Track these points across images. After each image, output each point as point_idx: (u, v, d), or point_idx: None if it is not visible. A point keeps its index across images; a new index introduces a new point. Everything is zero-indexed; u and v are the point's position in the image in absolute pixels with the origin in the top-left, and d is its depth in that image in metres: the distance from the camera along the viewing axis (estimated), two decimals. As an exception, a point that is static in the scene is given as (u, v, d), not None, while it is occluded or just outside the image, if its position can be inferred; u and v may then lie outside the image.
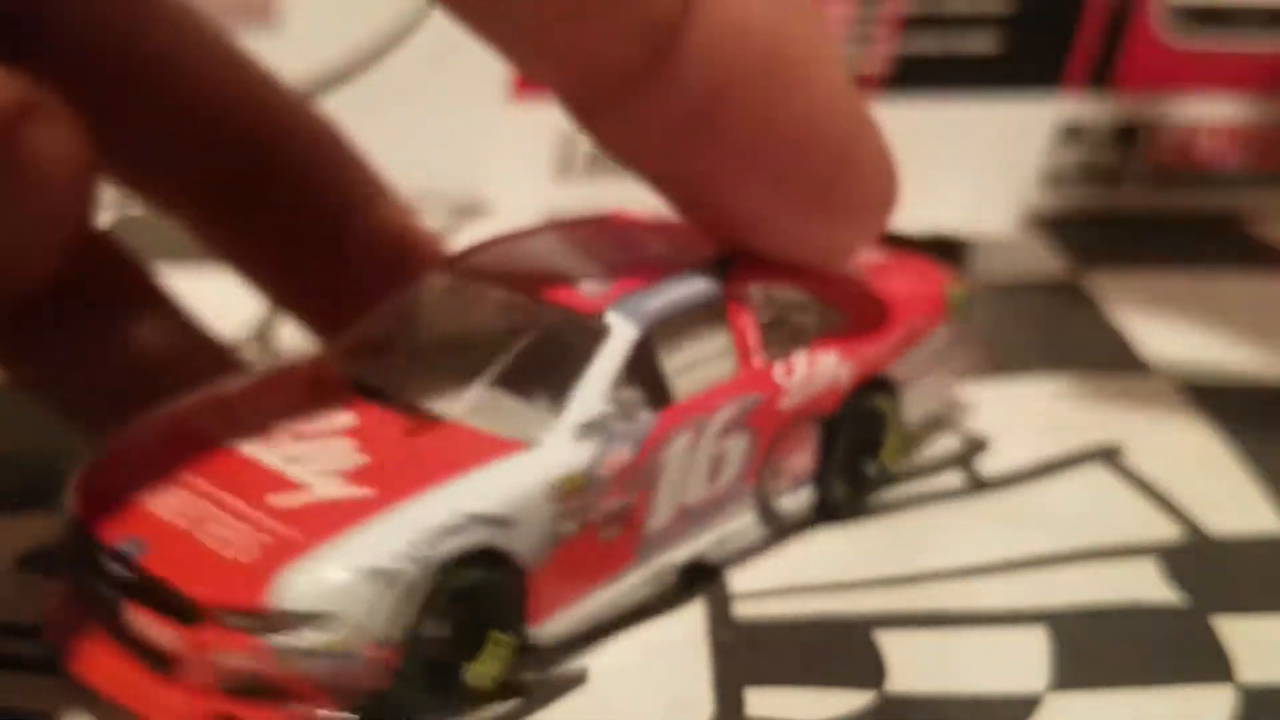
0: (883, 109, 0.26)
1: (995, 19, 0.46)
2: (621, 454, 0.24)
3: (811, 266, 0.27)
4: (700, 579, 0.26)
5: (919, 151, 0.43)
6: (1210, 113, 0.48)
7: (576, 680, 0.24)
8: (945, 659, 0.24)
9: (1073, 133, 0.48)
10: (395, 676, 0.21)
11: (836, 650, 0.24)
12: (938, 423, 0.32)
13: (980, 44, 0.46)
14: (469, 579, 0.22)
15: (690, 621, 0.25)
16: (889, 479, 0.30)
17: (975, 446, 0.32)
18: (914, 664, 0.24)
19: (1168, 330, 0.38)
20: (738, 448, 0.26)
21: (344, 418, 0.24)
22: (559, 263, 0.27)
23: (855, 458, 0.29)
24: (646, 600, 0.25)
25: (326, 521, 0.21)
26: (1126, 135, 0.48)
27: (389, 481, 0.22)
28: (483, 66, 0.30)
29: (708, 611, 0.26)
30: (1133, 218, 0.48)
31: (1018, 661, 0.24)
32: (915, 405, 0.30)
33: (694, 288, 0.26)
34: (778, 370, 0.27)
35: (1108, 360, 0.36)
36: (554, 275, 0.26)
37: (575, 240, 0.29)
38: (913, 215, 0.29)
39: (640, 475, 0.24)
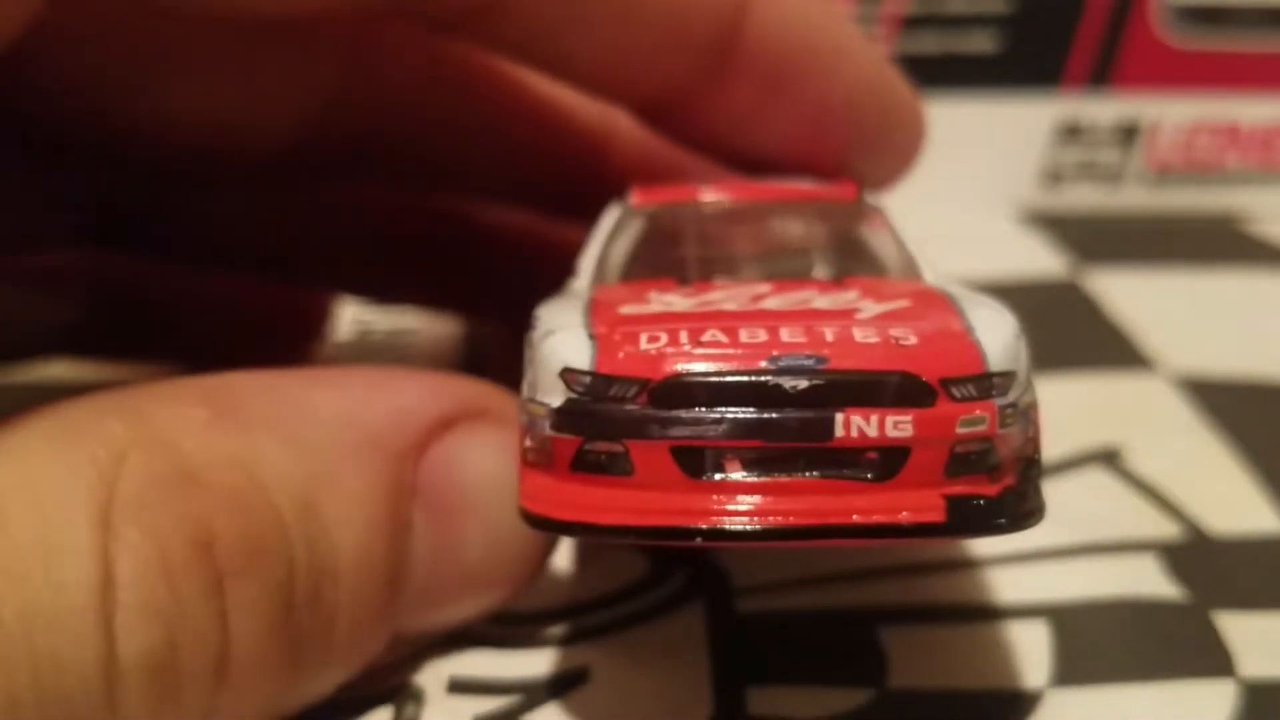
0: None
1: (995, 18, 0.46)
2: None
3: None
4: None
5: (919, 150, 0.43)
6: (1210, 113, 0.48)
7: (577, 677, 0.24)
8: (947, 654, 0.24)
9: (1072, 132, 0.48)
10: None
11: (839, 646, 0.24)
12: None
13: (980, 43, 0.46)
14: None
15: (691, 617, 0.25)
16: None
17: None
18: (916, 659, 0.24)
19: (1168, 329, 0.38)
20: None
21: (762, 288, 0.22)
22: (753, 184, 0.27)
23: None
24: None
25: (929, 313, 0.20)
26: (1126, 135, 0.48)
27: (905, 299, 0.21)
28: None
29: (708, 607, 0.26)
30: (1133, 218, 0.48)
31: (1019, 656, 0.24)
32: None
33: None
34: None
35: (1108, 359, 0.36)
36: (769, 188, 0.27)
37: (726, 185, 0.28)
38: (912, 214, 0.29)
39: None
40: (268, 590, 0.19)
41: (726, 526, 0.19)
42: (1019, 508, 0.20)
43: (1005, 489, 0.20)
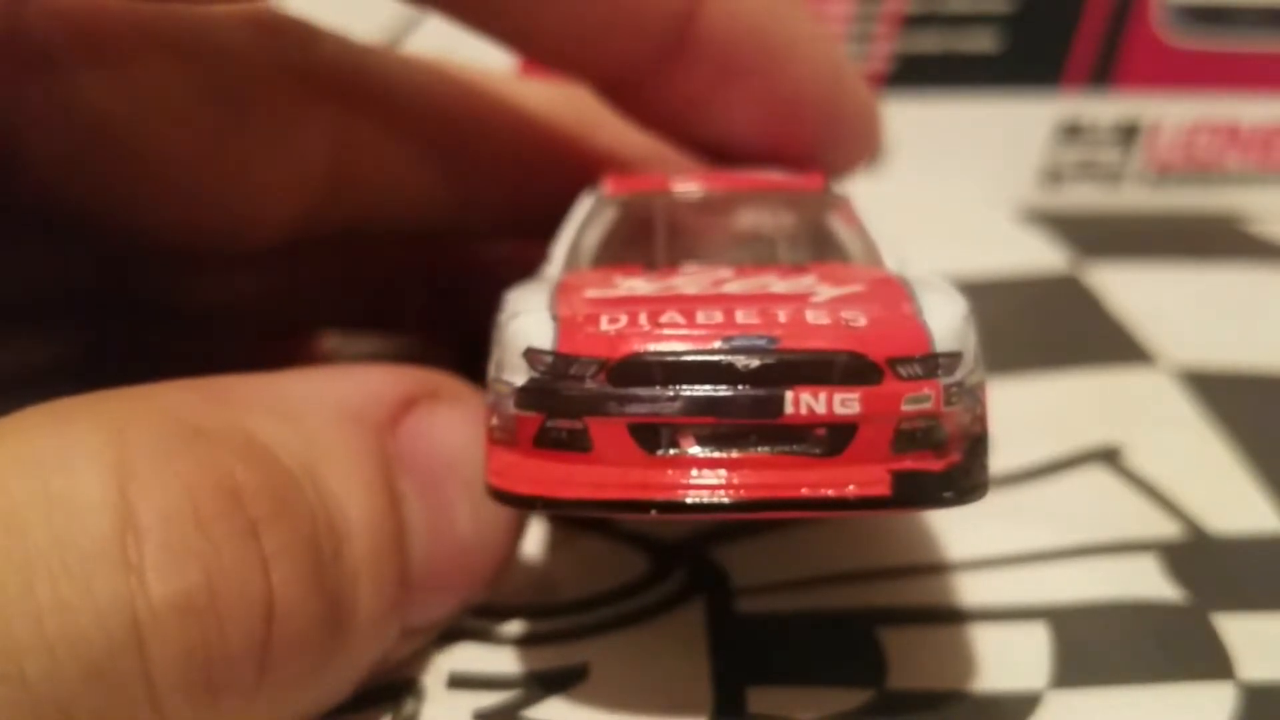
0: (883, 107, 0.27)
1: (995, 17, 0.46)
2: None
3: None
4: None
5: (919, 149, 0.43)
6: (1210, 113, 0.48)
7: (576, 674, 0.24)
8: (947, 654, 0.24)
9: (1073, 131, 0.48)
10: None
11: (839, 646, 0.24)
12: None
13: (980, 42, 0.46)
14: None
15: (690, 616, 0.25)
16: None
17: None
18: (915, 659, 0.24)
19: (1169, 322, 0.38)
20: None
21: (724, 273, 0.23)
22: (723, 174, 0.28)
23: None
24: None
25: (881, 297, 0.21)
26: (1126, 135, 0.48)
27: (859, 284, 0.22)
28: (483, 63, 0.30)
29: (708, 606, 0.26)
30: (1132, 217, 0.48)
31: (1018, 658, 0.24)
32: None
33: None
34: None
35: (1108, 354, 0.36)
36: (738, 178, 0.27)
37: (697, 176, 0.28)
38: (912, 211, 0.29)
39: None
40: (300, 540, 0.19)
41: (680, 499, 0.20)
42: (964, 483, 0.20)
43: (951, 465, 0.20)
